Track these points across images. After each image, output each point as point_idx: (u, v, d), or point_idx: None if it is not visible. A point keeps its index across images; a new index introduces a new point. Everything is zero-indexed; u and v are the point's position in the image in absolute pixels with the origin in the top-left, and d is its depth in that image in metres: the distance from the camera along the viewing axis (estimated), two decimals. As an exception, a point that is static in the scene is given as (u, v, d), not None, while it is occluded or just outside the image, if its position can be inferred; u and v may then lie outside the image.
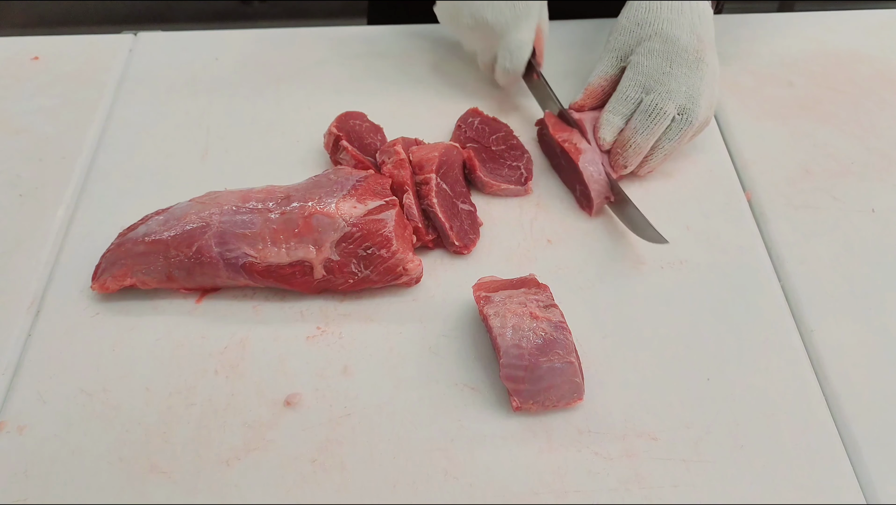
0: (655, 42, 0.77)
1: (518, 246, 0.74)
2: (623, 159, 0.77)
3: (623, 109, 0.77)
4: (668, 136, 0.76)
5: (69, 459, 0.60)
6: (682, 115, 0.76)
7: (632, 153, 0.76)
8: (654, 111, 0.75)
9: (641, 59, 0.78)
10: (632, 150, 0.76)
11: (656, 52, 0.77)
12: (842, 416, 0.63)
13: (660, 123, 0.75)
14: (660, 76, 0.76)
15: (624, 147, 0.76)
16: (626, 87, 0.78)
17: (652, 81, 0.76)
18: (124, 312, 0.70)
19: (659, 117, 0.75)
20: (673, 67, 0.76)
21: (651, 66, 0.77)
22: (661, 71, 0.76)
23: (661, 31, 0.78)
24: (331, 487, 0.59)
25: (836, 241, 0.75)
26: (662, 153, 0.77)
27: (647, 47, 0.78)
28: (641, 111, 0.76)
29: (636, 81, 0.77)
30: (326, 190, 0.69)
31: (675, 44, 0.77)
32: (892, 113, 0.88)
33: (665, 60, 0.77)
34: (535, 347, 0.60)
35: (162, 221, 0.69)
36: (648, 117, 0.75)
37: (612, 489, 0.59)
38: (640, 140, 0.76)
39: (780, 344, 0.67)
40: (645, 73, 0.77)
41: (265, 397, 0.64)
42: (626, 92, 0.77)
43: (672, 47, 0.77)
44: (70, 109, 0.88)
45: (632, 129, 0.76)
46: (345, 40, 0.97)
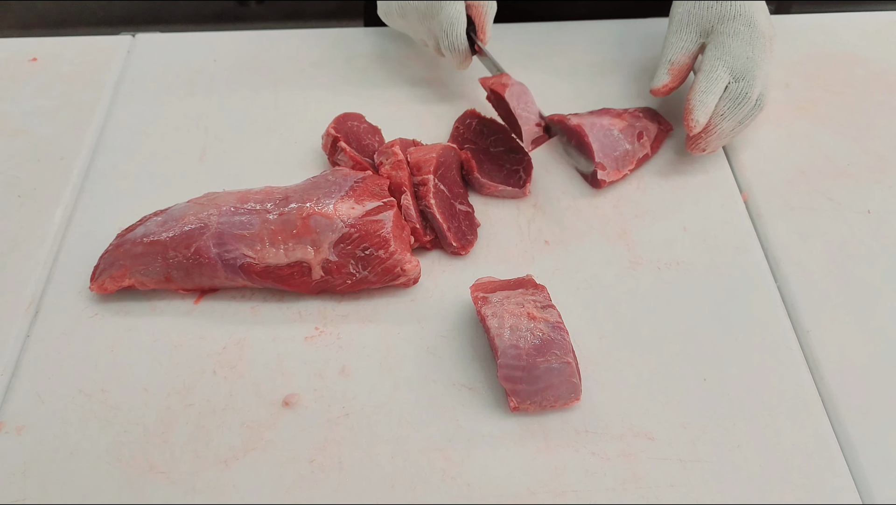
0: (740, 23, 0.77)
1: (515, 247, 0.75)
2: (705, 143, 0.77)
3: (715, 89, 0.75)
4: (745, 118, 0.77)
5: (67, 459, 0.61)
6: (759, 101, 0.76)
7: (715, 138, 0.77)
8: (741, 98, 0.75)
9: (727, 39, 0.77)
10: (716, 135, 0.76)
11: (741, 35, 0.76)
12: (838, 416, 0.63)
13: (745, 110, 0.76)
14: (745, 61, 0.76)
15: (708, 132, 0.76)
16: (715, 67, 0.76)
17: (739, 66, 0.76)
18: (123, 312, 0.70)
19: (745, 104, 0.75)
20: (755, 52, 0.76)
21: (737, 49, 0.76)
22: (746, 55, 0.76)
23: (745, 11, 0.77)
24: (329, 487, 0.59)
25: (833, 243, 0.75)
26: (736, 133, 0.78)
27: (732, 27, 0.77)
28: (729, 97, 0.75)
29: (724, 62, 0.76)
30: (324, 191, 0.69)
31: (756, 28, 0.77)
32: (888, 115, 0.88)
33: (749, 45, 0.76)
34: (532, 348, 0.61)
35: (160, 222, 0.69)
36: (736, 104, 0.75)
37: (610, 489, 0.59)
38: (725, 126, 0.76)
39: (776, 344, 0.67)
40: (733, 56, 0.76)
41: (263, 398, 0.64)
42: (717, 72, 0.76)
43: (754, 32, 0.76)
44: (68, 110, 0.88)
45: (718, 115, 0.76)
46: (342, 41, 0.98)
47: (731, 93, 0.75)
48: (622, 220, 0.77)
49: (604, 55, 0.95)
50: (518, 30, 0.98)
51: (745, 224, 0.77)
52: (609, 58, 0.95)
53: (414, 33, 0.86)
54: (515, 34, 0.97)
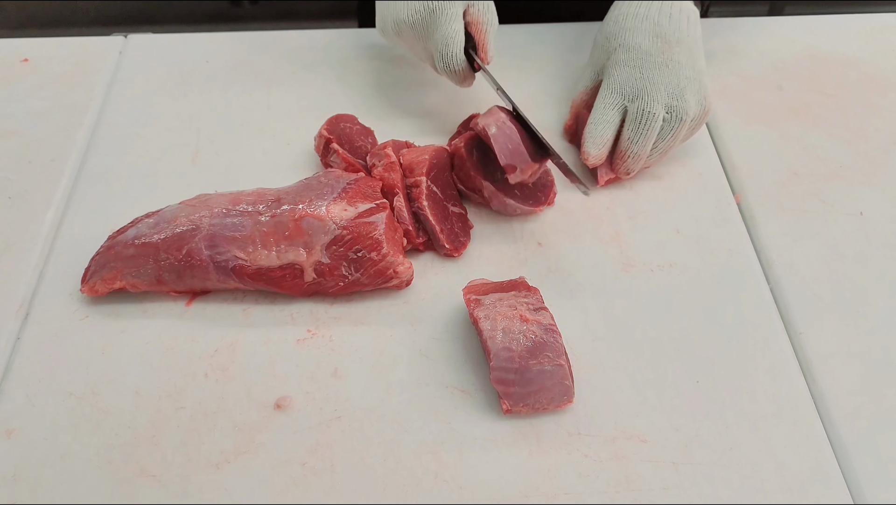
0: (620, 53, 0.79)
1: (508, 249, 0.75)
2: (625, 168, 0.77)
3: (606, 119, 0.76)
4: (662, 136, 0.77)
5: (58, 462, 0.60)
6: (671, 113, 0.76)
7: (632, 162, 0.77)
8: (642, 117, 0.75)
9: (612, 71, 0.79)
10: (631, 158, 0.76)
11: (623, 63, 0.78)
12: (830, 417, 0.63)
13: (652, 127, 0.75)
14: (634, 83, 0.76)
15: (623, 158, 0.77)
16: (604, 97, 0.78)
17: (629, 89, 0.77)
18: (114, 315, 0.69)
19: (650, 121, 0.75)
20: (643, 73, 0.77)
21: (623, 77, 0.77)
22: (634, 78, 0.77)
23: (624, 41, 0.79)
24: (321, 489, 0.59)
25: (825, 244, 0.75)
26: (658, 153, 0.78)
27: (614, 60, 0.79)
28: (631, 120, 0.76)
29: (612, 90, 0.77)
30: (317, 193, 0.69)
31: (637, 51, 0.78)
32: (880, 116, 0.88)
33: (634, 69, 0.77)
34: (525, 350, 0.60)
35: (152, 224, 0.69)
36: (640, 125, 0.75)
37: (602, 492, 0.59)
38: (636, 148, 0.76)
39: (768, 346, 0.68)
40: (620, 83, 0.77)
41: (255, 400, 0.64)
42: (605, 100, 0.77)
43: (636, 55, 0.78)
44: (60, 111, 0.88)
45: (626, 140, 0.76)
46: (335, 42, 0.98)
47: (632, 115, 0.76)
48: (615, 222, 0.77)
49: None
50: (512, 31, 0.98)
51: (738, 226, 0.77)
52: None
53: (412, 51, 0.84)
54: (511, 35, 0.97)
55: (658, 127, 0.76)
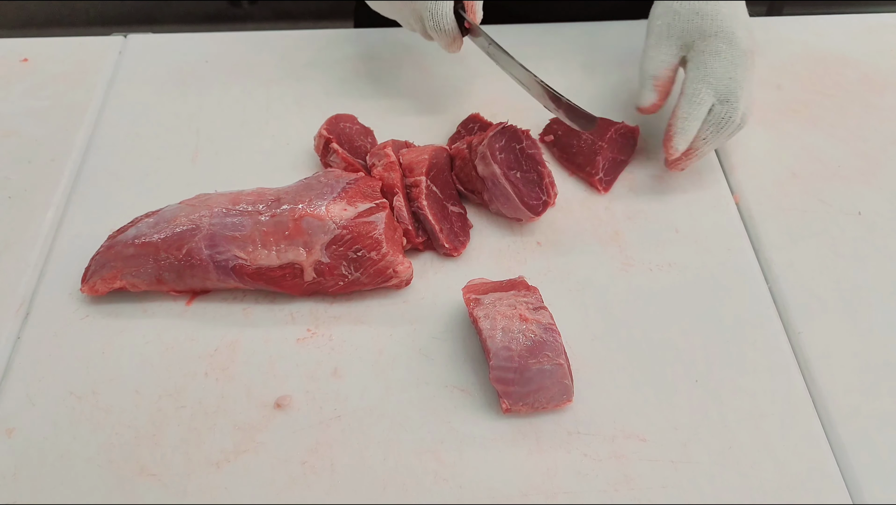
0: (720, 42, 0.74)
1: (507, 248, 0.75)
2: (685, 165, 0.77)
3: (698, 114, 0.74)
4: (724, 140, 0.76)
5: (58, 461, 0.60)
6: (742, 121, 0.75)
7: (695, 160, 0.76)
8: (725, 121, 0.73)
9: (708, 59, 0.74)
10: (696, 157, 0.76)
11: (723, 55, 0.74)
12: (828, 417, 0.63)
13: (727, 132, 0.74)
14: (728, 82, 0.74)
15: (689, 155, 0.76)
16: (699, 90, 0.74)
17: (723, 88, 0.74)
18: (114, 314, 0.69)
19: (729, 126, 0.74)
20: (738, 72, 0.74)
21: (719, 70, 0.74)
22: (729, 76, 0.74)
23: (725, 28, 0.75)
24: (321, 488, 0.59)
25: (823, 244, 0.75)
26: (711, 148, 0.77)
27: (713, 46, 0.74)
28: (713, 121, 0.74)
29: (707, 84, 0.74)
30: (317, 192, 0.69)
31: (738, 46, 0.74)
32: (879, 116, 0.88)
33: (731, 64, 0.74)
34: (524, 349, 0.61)
35: (152, 224, 0.69)
36: (719, 128, 0.74)
37: (601, 490, 0.59)
38: (706, 149, 0.75)
39: (767, 346, 0.68)
40: (716, 77, 0.74)
41: (255, 400, 0.64)
42: (700, 96, 0.74)
43: (736, 51, 0.74)
44: (59, 111, 0.88)
45: (701, 140, 0.75)
46: (335, 42, 0.98)
47: (716, 116, 0.74)
48: (614, 222, 0.77)
49: (595, 57, 0.95)
50: (509, 31, 0.98)
51: (737, 225, 0.77)
52: (601, 59, 0.95)
53: (400, 16, 0.82)
54: (507, 36, 0.97)
55: (730, 133, 0.75)
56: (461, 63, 0.93)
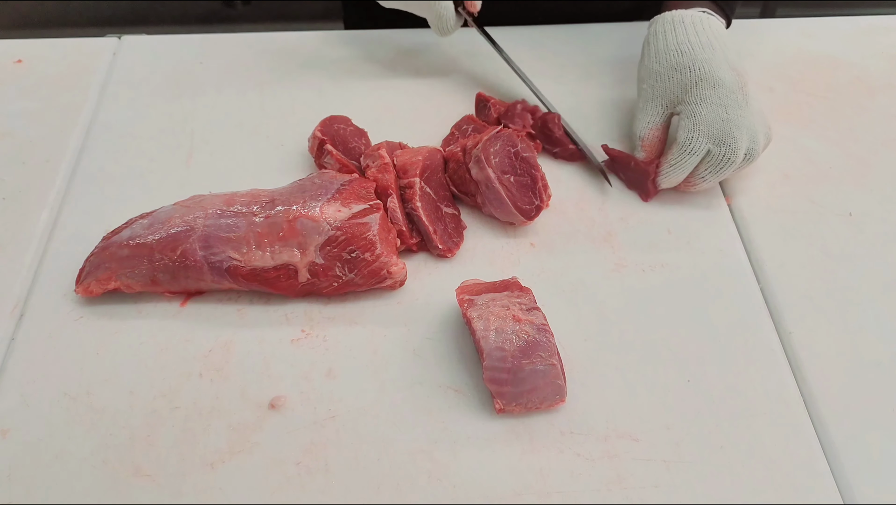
0: (705, 89, 0.75)
1: (501, 249, 0.75)
2: (684, 189, 0.78)
3: (688, 163, 0.75)
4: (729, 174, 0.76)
5: (53, 462, 0.60)
6: (747, 155, 0.75)
7: (693, 190, 0.78)
8: (724, 161, 0.74)
9: (695, 108, 0.75)
10: (697, 189, 0.77)
11: (710, 100, 0.74)
12: (819, 417, 0.64)
13: (729, 170, 0.74)
14: (721, 124, 0.74)
15: (686, 186, 0.77)
16: (690, 139, 0.74)
17: (716, 131, 0.74)
18: (108, 315, 0.69)
19: (729, 166, 0.74)
20: (729, 113, 0.74)
21: (710, 116, 0.74)
22: (721, 119, 0.74)
23: (705, 74, 0.75)
24: (315, 488, 0.59)
25: (815, 245, 0.76)
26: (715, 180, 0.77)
27: (698, 95, 0.75)
28: (711, 162, 0.74)
29: (700, 132, 0.74)
30: (311, 194, 0.69)
31: (723, 87, 0.75)
32: (870, 118, 0.89)
33: (720, 107, 0.74)
34: (517, 350, 0.61)
35: (146, 225, 0.69)
36: (719, 168, 0.74)
37: (595, 490, 0.59)
38: (706, 185, 0.76)
39: (759, 346, 0.68)
40: (707, 123, 0.74)
41: (250, 400, 0.64)
42: (692, 145, 0.74)
43: (722, 91, 0.75)
44: (54, 113, 0.88)
45: (699, 178, 0.76)
46: (329, 44, 0.98)
47: (714, 158, 0.74)
48: (607, 223, 0.77)
49: (592, 57, 0.96)
50: (509, 33, 0.98)
51: (729, 227, 0.78)
52: (597, 60, 0.96)
53: (414, 9, 0.85)
54: (506, 37, 0.97)
55: (733, 169, 0.75)
56: (456, 64, 0.94)
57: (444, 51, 0.96)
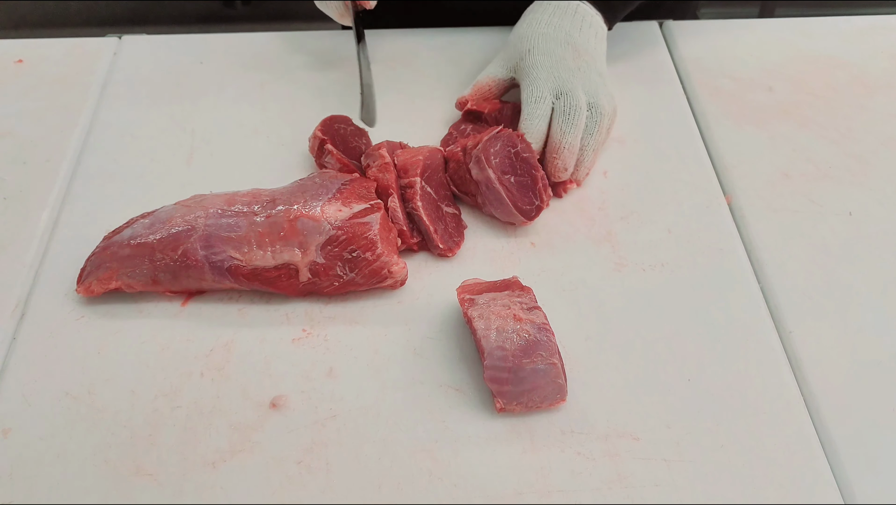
0: (536, 56, 0.81)
1: (502, 249, 0.75)
2: (561, 163, 0.77)
3: (538, 112, 0.78)
4: (588, 131, 0.78)
5: (54, 461, 0.60)
6: (592, 108, 0.78)
7: (567, 154, 0.77)
8: (570, 109, 0.77)
9: (531, 71, 0.81)
10: (567, 151, 0.77)
11: (540, 65, 0.80)
12: (820, 416, 0.64)
13: (579, 119, 0.77)
14: (555, 81, 0.79)
15: (558, 151, 0.77)
16: (531, 93, 0.79)
17: (552, 87, 0.79)
18: (109, 315, 0.70)
19: (576, 113, 0.77)
20: (561, 74, 0.79)
21: (543, 76, 0.80)
22: (553, 77, 0.79)
23: (538, 45, 0.82)
24: (316, 488, 0.59)
25: (814, 244, 0.76)
26: (591, 150, 0.79)
27: (530, 62, 0.81)
28: (559, 114, 0.77)
29: (537, 86, 0.79)
30: (311, 193, 0.69)
31: (551, 56, 0.81)
32: (869, 118, 0.89)
33: (551, 70, 0.80)
34: (518, 349, 0.61)
35: (147, 225, 0.70)
36: (567, 116, 0.77)
37: (595, 489, 0.59)
38: (570, 139, 0.77)
39: (759, 345, 0.68)
40: (542, 80, 0.79)
41: (251, 399, 0.64)
42: (532, 96, 0.79)
43: (551, 59, 0.81)
44: (54, 112, 0.88)
45: (559, 133, 0.77)
46: (329, 43, 0.98)
47: (558, 109, 0.78)
48: (607, 223, 0.77)
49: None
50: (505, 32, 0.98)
51: (729, 226, 0.78)
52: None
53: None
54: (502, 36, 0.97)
55: (584, 119, 0.78)
56: (454, 65, 0.94)
57: (445, 50, 0.96)
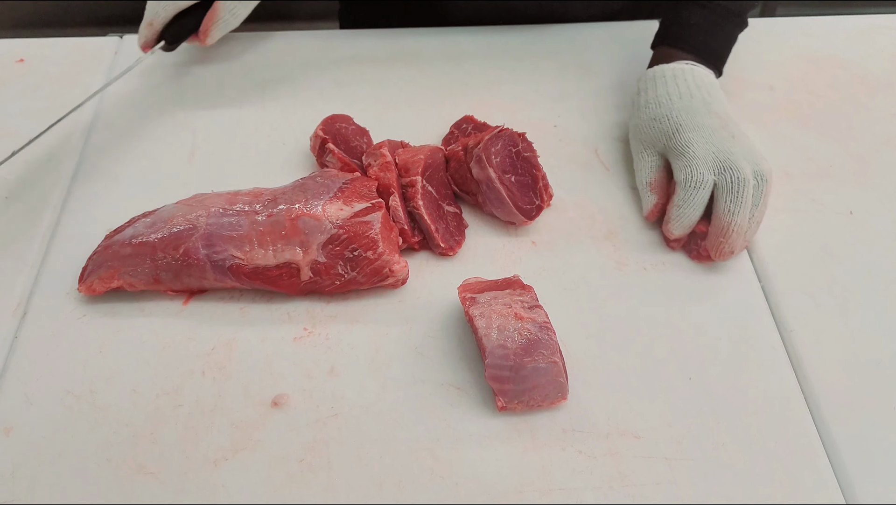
0: (688, 133, 0.74)
1: (503, 248, 0.75)
2: (729, 246, 0.71)
3: (698, 196, 0.72)
4: (755, 202, 0.71)
5: (56, 460, 0.61)
6: (758, 177, 0.71)
7: (736, 237, 0.71)
8: (736, 185, 0.70)
9: (685, 149, 0.74)
10: (735, 233, 0.70)
11: (694, 142, 0.73)
12: (821, 415, 0.64)
13: (747, 194, 0.70)
14: (715, 155, 0.72)
15: (726, 235, 0.71)
16: (690, 173, 0.72)
17: (713, 162, 0.72)
18: (111, 314, 0.70)
19: (744, 187, 0.70)
20: (719, 146, 0.73)
21: (701, 151, 0.73)
22: (713, 152, 0.72)
23: (684, 122, 0.75)
24: (318, 486, 0.59)
25: (816, 243, 0.76)
26: (755, 222, 0.72)
27: (682, 140, 0.74)
28: (725, 191, 0.71)
29: (697, 165, 0.72)
30: (313, 192, 0.69)
31: (704, 129, 0.74)
32: (870, 117, 0.89)
33: (709, 144, 0.73)
34: (519, 348, 0.61)
35: (149, 224, 0.70)
36: (735, 193, 0.70)
37: (596, 487, 0.59)
38: (738, 220, 0.70)
39: (760, 344, 0.68)
40: (701, 158, 0.72)
41: (252, 398, 0.64)
42: (693, 177, 0.72)
43: (705, 133, 0.74)
44: (56, 112, 0.87)
45: (725, 214, 0.70)
46: (330, 43, 0.98)
47: (723, 185, 0.71)
48: (608, 222, 0.77)
49: (590, 57, 0.96)
50: (507, 32, 0.98)
51: (730, 225, 0.78)
52: (595, 60, 0.96)
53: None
54: (505, 36, 0.98)
55: (751, 193, 0.71)
56: (455, 64, 0.94)
57: (445, 50, 0.96)
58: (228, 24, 0.89)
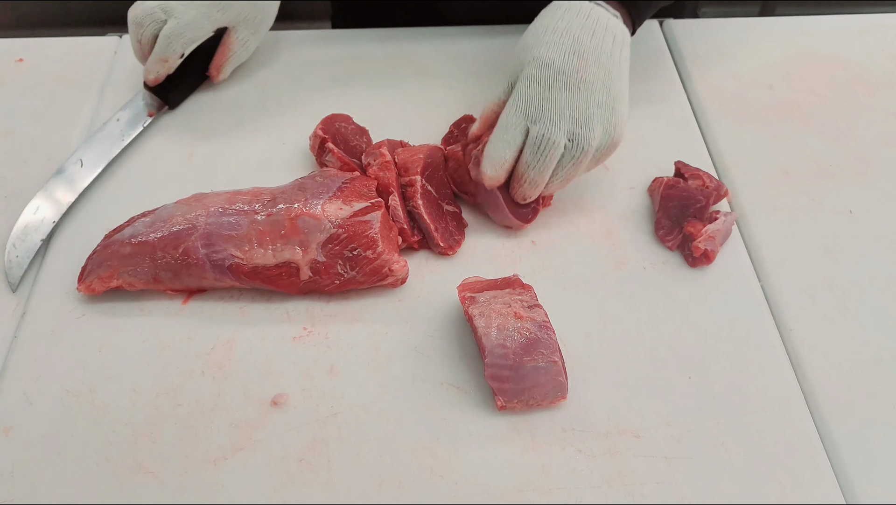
0: (532, 68, 0.70)
1: (502, 247, 0.75)
2: (521, 192, 0.72)
3: (508, 138, 0.70)
4: (562, 164, 0.70)
5: (56, 459, 0.61)
6: (573, 141, 0.69)
7: (528, 187, 0.71)
8: (542, 143, 0.69)
9: (521, 86, 0.71)
10: (528, 184, 0.71)
11: (532, 79, 0.70)
12: (820, 414, 0.64)
13: (551, 155, 0.69)
14: (541, 103, 0.70)
15: (520, 182, 0.71)
16: (507, 115, 0.71)
17: (534, 109, 0.70)
18: (110, 313, 0.70)
19: (549, 148, 0.69)
20: (552, 93, 0.69)
21: (530, 94, 0.70)
22: (542, 97, 0.70)
23: (539, 55, 0.70)
24: (317, 486, 0.59)
25: (815, 242, 0.76)
26: (559, 180, 0.71)
27: (525, 74, 0.71)
28: (530, 144, 0.70)
29: (517, 107, 0.70)
30: (312, 192, 0.69)
31: (549, 68, 0.70)
32: (870, 116, 0.89)
33: (542, 87, 0.70)
34: (519, 347, 0.61)
35: (148, 223, 0.70)
36: (538, 150, 0.69)
37: (596, 487, 0.59)
38: (533, 175, 0.70)
39: (759, 343, 0.68)
40: (525, 100, 0.70)
41: (252, 397, 0.64)
42: (508, 119, 0.70)
43: (548, 72, 0.70)
44: (55, 111, 0.88)
45: (524, 165, 0.70)
46: (329, 42, 0.98)
47: (531, 138, 0.69)
48: (608, 220, 0.77)
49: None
50: (505, 32, 0.98)
51: (730, 224, 0.78)
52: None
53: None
54: (502, 36, 0.98)
55: (558, 155, 0.70)
56: (455, 63, 0.94)
57: (444, 49, 0.96)
58: (240, 57, 0.89)
